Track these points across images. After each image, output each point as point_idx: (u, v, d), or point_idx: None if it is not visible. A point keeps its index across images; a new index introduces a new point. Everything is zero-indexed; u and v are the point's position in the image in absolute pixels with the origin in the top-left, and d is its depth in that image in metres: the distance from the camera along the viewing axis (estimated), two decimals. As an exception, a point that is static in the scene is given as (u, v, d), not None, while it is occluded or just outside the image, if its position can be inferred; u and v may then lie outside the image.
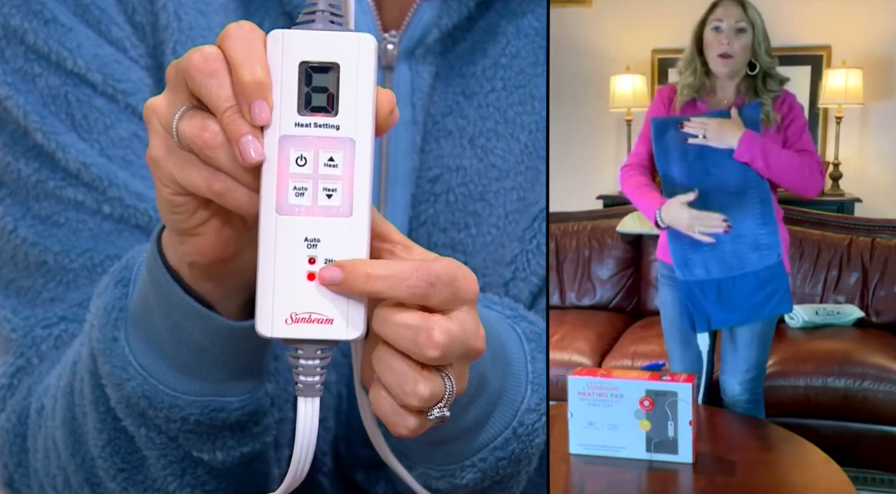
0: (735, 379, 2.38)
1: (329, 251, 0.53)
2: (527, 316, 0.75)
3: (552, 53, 0.78)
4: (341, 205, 0.52)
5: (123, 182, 0.75)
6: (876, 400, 2.82)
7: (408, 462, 0.69)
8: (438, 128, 0.78)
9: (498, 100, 0.77)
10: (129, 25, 0.76)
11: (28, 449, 0.77)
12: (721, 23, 2.22)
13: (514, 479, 0.72)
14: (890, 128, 4.08)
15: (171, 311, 0.63)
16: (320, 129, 0.52)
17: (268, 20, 0.77)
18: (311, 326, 0.53)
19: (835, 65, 4.08)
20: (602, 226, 3.70)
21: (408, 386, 0.53)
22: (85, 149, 0.75)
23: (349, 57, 0.52)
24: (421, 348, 0.53)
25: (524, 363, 0.71)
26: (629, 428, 1.84)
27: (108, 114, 0.76)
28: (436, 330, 0.53)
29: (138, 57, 0.76)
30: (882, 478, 2.81)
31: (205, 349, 0.65)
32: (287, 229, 0.52)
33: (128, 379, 0.66)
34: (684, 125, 2.20)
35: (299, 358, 0.54)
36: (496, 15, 0.77)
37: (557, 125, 3.48)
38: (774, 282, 2.23)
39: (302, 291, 0.53)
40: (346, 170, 0.52)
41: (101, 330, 0.67)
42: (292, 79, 0.52)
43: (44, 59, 0.75)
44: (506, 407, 0.69)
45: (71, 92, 0.75)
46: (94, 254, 0.76)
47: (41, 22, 0.75)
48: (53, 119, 0.75)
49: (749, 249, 2.21)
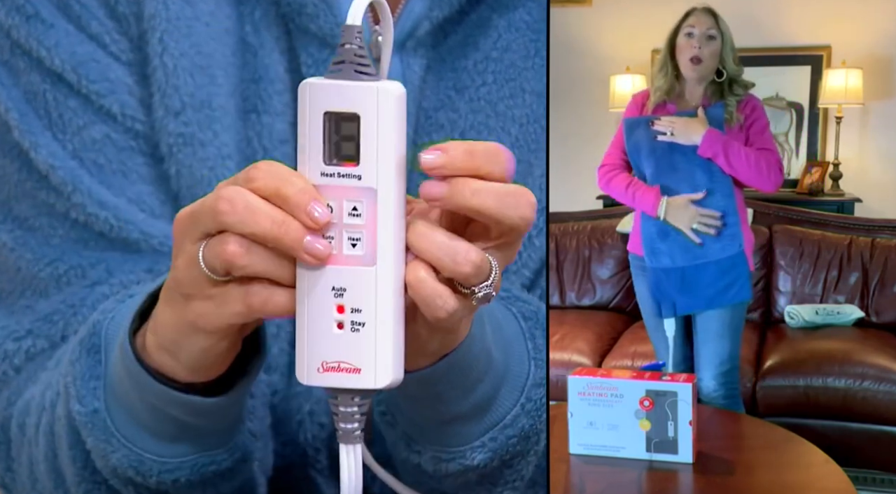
0: (709, 373, 2.50)
1: (355, 300, 0.53)
2: (520, 296, 0.75)
3: (552, 53, 0.78)
4: (365, 255, 0.53)
5: (87, 188, 0.74)
6: (876, 400, 2.82)
7: (418, 446, 0.69)
8: (431, 123, 0.78)
9: (489, 94, 0.77)
10: (111, 19, 0.75)
11: (13, 457, 0.77)
12: (693, 29, 2.41)
13: (523, 459, 0.72)
14: (890, 128, 4.08)
15: (147, 396, 0.63)
16: (344, 179, 0.53)
17: (259, 9, 0.77)
18: (340, 375, 0.53)
19: (835, 65, 4.08)
20: (602, 226, 3.70)
21: (459, 255, 0.52)
22: (56, 151, 0.74)
23: (369, 107, 0.52)
24: (519, 205, 0.53)
25: (523, 340, 0.71)
26: (629, 428, 1.84)
27: (82, 115, 0.75)
28: (527, 194, 0.53)
29: (119, 52, 0.75)
30: (882, 478, 2.81)
31: (188, 423, 0.65)
32: (316, 278, 0.53)
33: (113, 451, 0.66)
34: (654, 123, 2.38)
35: (338, 405, 0.55)
36: (487, 8, 0.77)
37: (557, 125, 3.48)
38: (735, 271, 2.40)
39: (332, 340, 0.53)
40: (368, 219, 0.53)
41: (80, 401, 0.67)
42: (317, 128, 0.53)
43: (26, 55, 0.74)
44: (512, 384, 0.69)
45: (49, 90, 0.75)
46: (60, 264, 0.75)
47: (23, 18, 0.74)
48: (32, 117, 0.75)
49: (712, 240, 2.37)
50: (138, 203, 0.76)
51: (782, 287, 3.48)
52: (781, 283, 3.48)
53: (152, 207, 0.76)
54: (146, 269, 0.76)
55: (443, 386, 0.64)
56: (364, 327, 0.53)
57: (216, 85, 0.76)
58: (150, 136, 0.76)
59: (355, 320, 0.53)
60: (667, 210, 2.36)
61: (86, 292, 0.76)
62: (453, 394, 0.65)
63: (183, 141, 0.75)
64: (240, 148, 0.76)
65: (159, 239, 0.76)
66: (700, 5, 2.48)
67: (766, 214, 3.60)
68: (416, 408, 0.68)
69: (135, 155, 0.76)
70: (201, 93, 0.75)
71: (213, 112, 0.75)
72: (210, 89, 0.75)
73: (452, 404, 0.66)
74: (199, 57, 0.75)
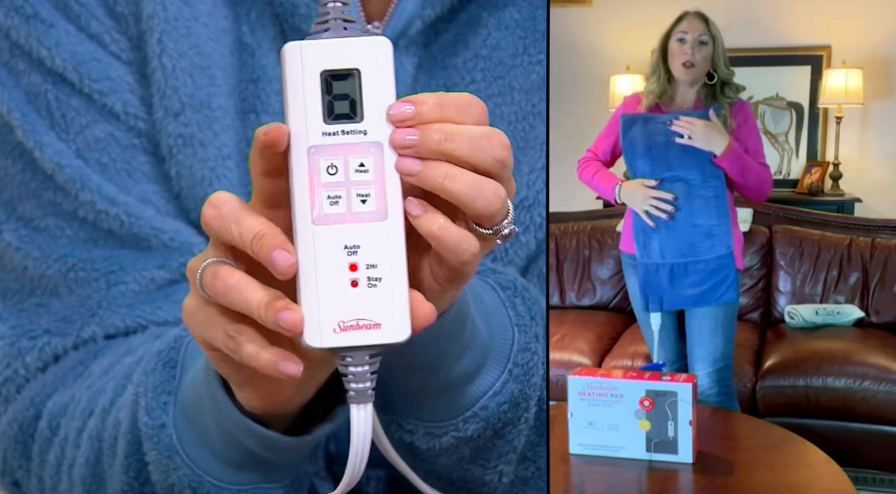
0: (703, 371, 2.52)
1: (369, 256, 0.53)
2: (495, 268, 0.75)
3: (552, 53, 0.79)
4: (376, 210, 0.52)
5: (96, 185, 0.75)
6: (876, 400, 2.82)
7: (410, 425, 0.70)
8: None
9: (478, 92, 0.77)
10: (110, 18, 0.75)
11: (31, 457, 0.76)
12: (686, 34, 2.44)
13: (514, 428, 0.72)
14: (890, 128, 4.08)
15: (226, 422, 0.63)
16: (348, 136, 0.52)
17: (254, 9, 0.77)
18: (360, 333, 0.53)
19: (835, 65, 4.07)
20: (602, 226, 3.70)
21: (487, 190, 0.52)
22: (62, 150, 0.75)
23: (368, 61, 0.52)
24: (493, 147, 0.53)
25: (504, 309, 0.72)
26: (629, 428, 1.84)
27: (85, 114, 0.75)
28: (499, 134, 0.53)
29: (119, 51, 0.75)
30: (882, 478, 2.81)
31: (259, 455, 0.65)
32: (325, 239, 0.52)
33: (174, 469, 0.66)
34: (673, 123, 2.39)
35: (349, 366, 0.54)
36: (478, 7, 0.78)
37: (558, 125, 3.48)
38: (723, 272, 2.43)
39: (347, 299, 0.52)
40: (376, 174, 0.52)
41: (148, 413, 0.67)
42: (315, 89, 0.52)
43: (26, 55, 0.74)
44: (497, 352, 0.70)
45: (50, 90, 0.75)
46: (68, 260, 0.75)
47: (23, 18, 0.74)
48: (35, 117, 0.75)
49: (702, 238, 2.42)
50: (144, 202, 0.76)
51: (782, 287, 3.48)
52: (781, 283, 3.48)
53: (157, 205, 0.76)
54: (158, 266, 0.76)
55: (432, 354, 0.65)
56: (381, 282, 0.53)
57: (215, 85, 0.76)
58: (152, 135, 0.76)
59: (371, 276, 0.53)
60: (621, 192, 2.44)
61: (102, 294, 0.76)
62: (443, 361, 0.66)
63: (183, 141, 0.75)
64: (239, 148, 0.77)
65: (170, 234, 0.76)
66: (693, 9, 2.50)
67: (766, 214, 3.59)
68: (408, 379, 0.68)
69: (138, 153, 0.76)
70: (201, 93, 0.75)
71: (212, 112, 0.76)
72: (209, 90, 0.75)
73: (441, 372, 0.66)
74: (199, 57, 0.75)
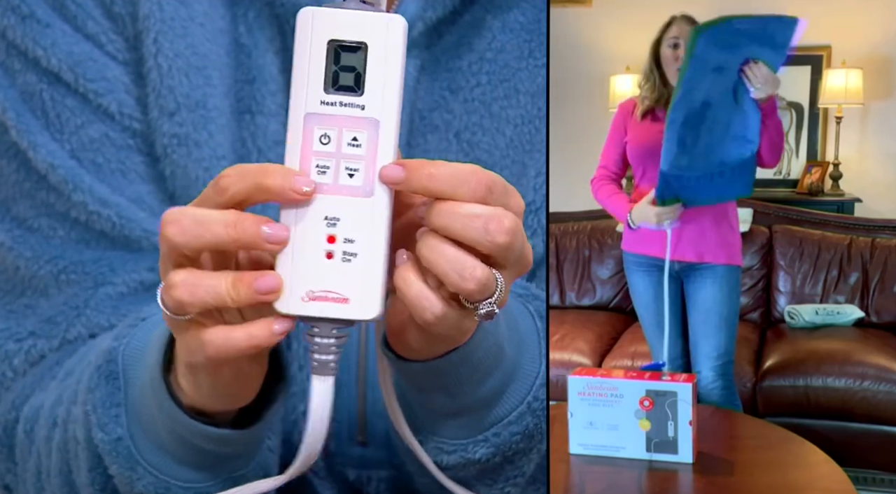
0: (707, 365, 2.52)
1: (348, 230, 0.53)
2: (539, 295, 0.75)
3: (552, 53, 0.78)
4: (363, 185, 0.52)
5: (88, 186, 0.74)
6: (876, 400, 2.82)
7: (420, 436, 0.69)
8: (425, 123, 0.78)
9: (483, 95, 0.77)
10: (107, 18, 0.75)
11: (17, 461, 0.76)
12: (678, 39, 2.43)
13: (525, 456, 0.72)
14: (890, 128, 4.07)
15: (177, 427, 0.64)
16: (345, 109, 0.52)
17: (252, 10, 0.76)
18: (326, 304, 0.53)
19: (835, 65, 4.07)
20: (602, 226, 3.70)
21: (466, 271, 0.52)
22: (55, 150, 0.74)
23: (378, 37, 0.52)
24: (492, 235, 0.52)
25: (537, 339, 0.71)
26: (629, 428, 1.84)
27: (80, 115, 0.75)
28: (506, 219, 0.52)
29: (115, 51, 0.75)
30: (882, 478, 2.81)
31: (215, 452, 0.65)
32: (307, 208, 0.52)
33: (138, 479, 0.66)
34: (744, 71, 2.29)
35: (315, 336, 0.54)
36: (481, 9, 0.77)
37: (557, 125, 3.47)
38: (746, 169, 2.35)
39: (320, 269, 0.53)
40: (369, 150, 0.52)
41: (102, 428, 0.67)
42: (320, 57, 0.52)
43: (22, 55, 0.74)
44: (521, 382, 0.69)
45: (46, 90, 0.75)
46: (59, 261, 0.75)
47: (19, 18, 0.74)
48: (30, 116, 0.75)
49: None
50: (138, 202, 0.76)
51: (782, 287, 3.48)
52: (781, 283, 3.48)
53: (151, 206, 0.76)
54: (148, 268, 0.76)
55: (450, 380, 0.64)
56: (356, 258, 0.53)
57: (211, 85, 0.76)
58: (147, 135, 0.76)
59: (347, 250, 0.53)
60: (633, 218, 2.41)
61: (89, 294, 0.76)
62: (460, 388, 0.65)
63: (178, 141, 0.75)
64: (234, 148, 0.76)
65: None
66: (680, 13, 2.49)
67: (766, 214, 3.59)
68: (422, 399, 0.68)
69: (133, 154, 0.76)
70: (196, 93, 0.75)
71: (207, 112, 0.75)
72: (205, 90, 0.75)
73: (458, 397, 0.66)
74: (195, 57, 0.75)
